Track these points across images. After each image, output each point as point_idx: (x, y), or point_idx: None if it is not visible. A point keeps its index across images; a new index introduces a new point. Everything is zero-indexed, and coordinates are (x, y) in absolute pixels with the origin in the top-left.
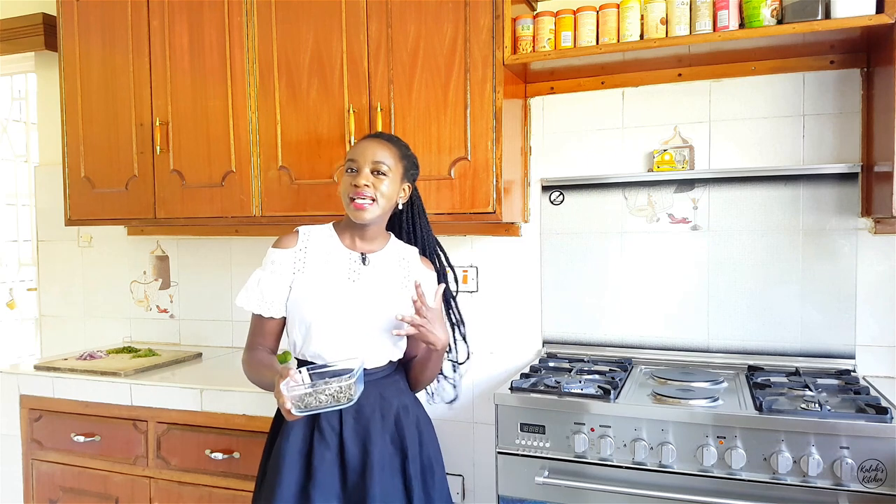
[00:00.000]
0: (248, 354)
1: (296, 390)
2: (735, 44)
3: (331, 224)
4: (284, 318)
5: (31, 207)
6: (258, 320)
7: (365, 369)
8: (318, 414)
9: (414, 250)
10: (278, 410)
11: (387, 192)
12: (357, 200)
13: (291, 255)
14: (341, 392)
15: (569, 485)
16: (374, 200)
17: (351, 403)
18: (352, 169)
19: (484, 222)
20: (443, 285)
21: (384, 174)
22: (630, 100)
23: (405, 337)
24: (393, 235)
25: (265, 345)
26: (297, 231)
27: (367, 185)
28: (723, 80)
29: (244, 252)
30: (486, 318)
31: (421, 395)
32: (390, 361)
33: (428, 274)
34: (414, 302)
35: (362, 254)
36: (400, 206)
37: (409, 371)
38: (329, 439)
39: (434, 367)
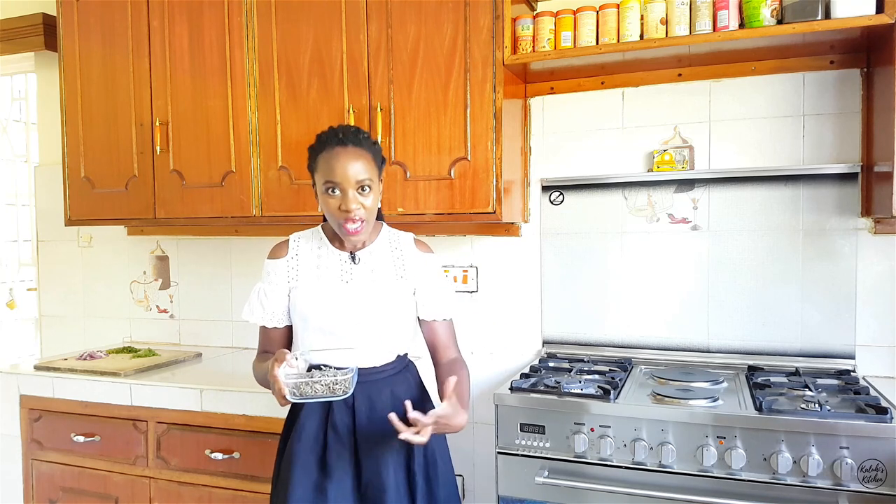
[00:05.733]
0: (255, 362)
1: (292, 377)
2: (735, 44)
3: (319, 227)
4: (288, 328)
5: (31, 207)
6: (263, 331)
7: (374, 367)
8: (331, 410)
9: (408, 236)
10: (290, 409)
11: (373, 204)
12: (349, 226)
13: (284, 265)
14: (337, 384)
15: (569, 485)
16: (363, 220)
17: (346, 396)
18: (333, 189)
19: (484, 222)
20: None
21: (369, 187)
22: (630, 100)
23: (409, 330)
24: (385, 224)
25: (272, 352)
26: (288, 239)
27: (357, 208)
28: (723, 80)
29: (244, 252)
30: (486, 319)
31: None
32: (398, 357)
33: (424, 257)
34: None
35: (351, 253)
36: (377, 206)
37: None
38: (344, 437)
39: (458, 425)
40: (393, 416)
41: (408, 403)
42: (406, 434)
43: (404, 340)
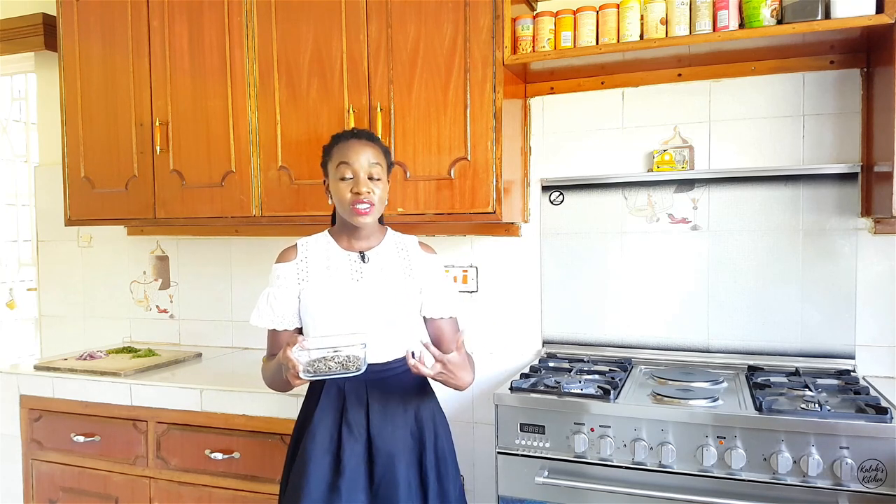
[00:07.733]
0: (264, 364)
1: (306, 354)
2: (735, 44)
3: (326, 231)
4: (298, 330)
5: (31, 207)
6: (273, 334)
7: (387, 362)
8: (345, 409)
9: (412, 238)
10: (302, 410)
11: (382, 195)
12: (360, 206)
13: (294, 268)
14: (350, 360)
15: (569, 485)
16: (373, 204)
17: (359, 372)
18: (346, 174)
19: (484, 222)
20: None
21: (379, 178)
22: (630, 100)
23: (418, 327)
24: (389, 228)
25: None
26: (296, 244)
27: (368, 192)
28: (723, 80)
29: (244, 252)
30: (486, 319)
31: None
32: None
33: (429, 258)
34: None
35: (361, 252)
36: (385, 202)
37: None
38: (357, 434)
39: (461, 382)
40: (409, 355)
41: (421, 347)
42: (415, 361)
43: (414, 337)
